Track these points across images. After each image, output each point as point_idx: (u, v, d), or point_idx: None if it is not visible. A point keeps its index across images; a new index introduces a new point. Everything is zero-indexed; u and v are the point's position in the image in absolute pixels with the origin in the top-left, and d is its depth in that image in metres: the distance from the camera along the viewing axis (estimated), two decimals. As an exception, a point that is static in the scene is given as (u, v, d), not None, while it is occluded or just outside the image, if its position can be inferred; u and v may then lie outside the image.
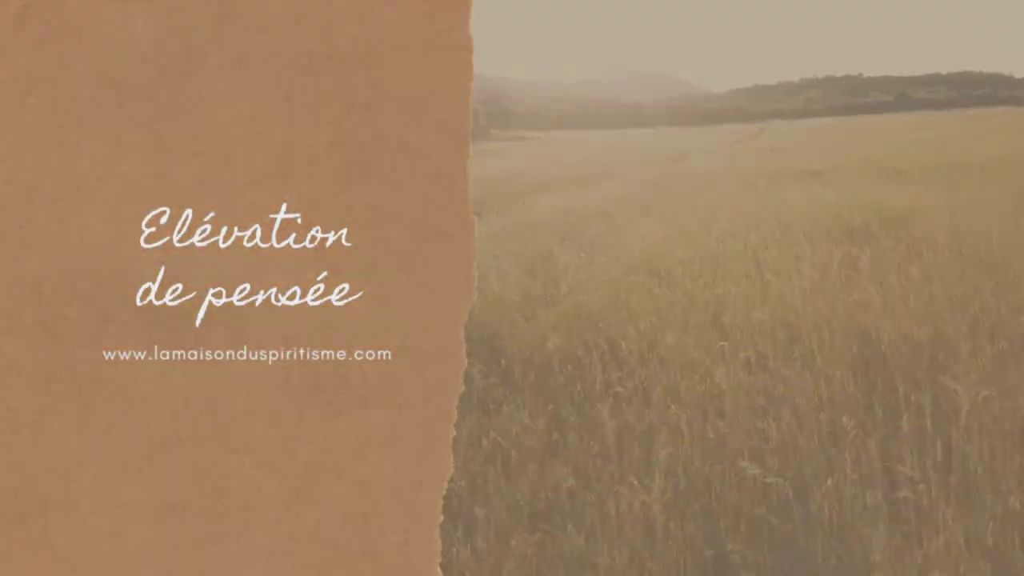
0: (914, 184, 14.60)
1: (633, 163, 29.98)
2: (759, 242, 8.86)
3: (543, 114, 49.84)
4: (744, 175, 19.14)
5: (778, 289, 6.66)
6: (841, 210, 10.88)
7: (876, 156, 23.73)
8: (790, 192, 14.24)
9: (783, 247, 8.56)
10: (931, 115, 57.19)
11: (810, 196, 13.14)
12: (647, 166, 26.87)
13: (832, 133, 44.10)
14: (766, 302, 6.41)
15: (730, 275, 7.53)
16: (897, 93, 57.44)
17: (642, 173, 22.99)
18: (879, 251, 8.05)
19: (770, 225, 10.06)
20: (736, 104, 59.17)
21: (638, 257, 8.85)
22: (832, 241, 8.82)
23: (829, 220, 10.23)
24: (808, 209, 11.36)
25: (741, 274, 7.56)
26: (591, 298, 7.10)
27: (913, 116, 54.57)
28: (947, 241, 8.19)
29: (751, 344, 5.51)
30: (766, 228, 9.82)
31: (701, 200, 14.33)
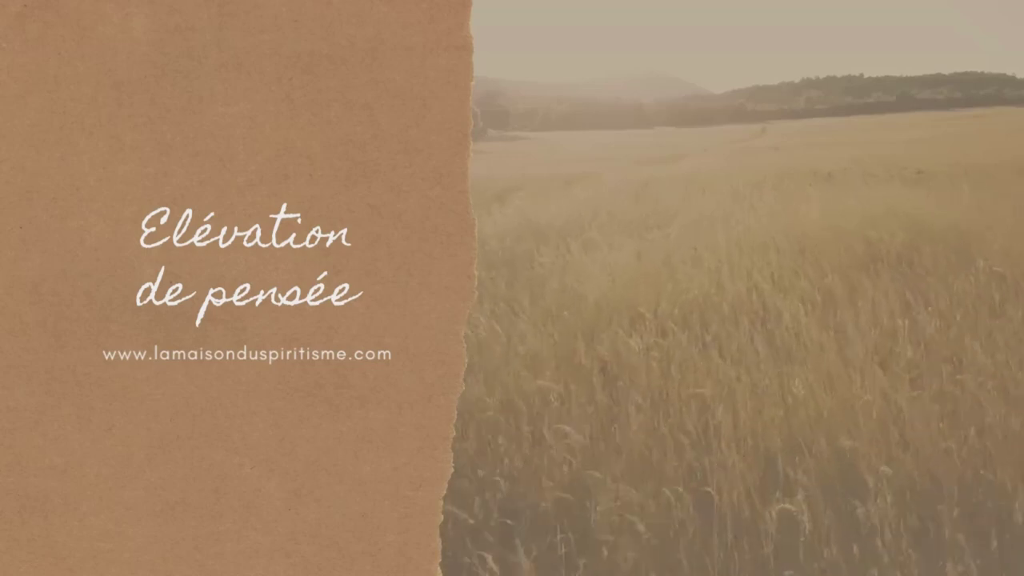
0: (943, 189, 12.02)
1: (625, 162, 25.95)
2: (768, 278, 6.17)
3: (542, 114, 49.91)
4: (746, 177, 16.25)
5: (807, 398, 3.84)
6: (870, 223, 8.21)
7: (886, 155, 20.92)
8: (801, 198, 11.62)
9: (803, 290, 5.77)
10: (936, 115, 56.63)
11: (827, 203, 10.79)
12: (639, 166, 23.88)
13: (836, 132, 41.61)
14: (787, 422, 3.71)
15: (724, 358, 4.48)
16: (899, 93, 57.97)
17: (631, 174, 19.14)
18: (948, 296, 5.22)
19: (782, 247, 7.41)
20: (737, 104, 59.63)
21: (585, 319, 5.38)
22: (871, 275, 6.02)
23: (858, 238, 7.63)
24: (828, 222, 8.68)
25: (740, 357, 4.50)
26: (472, 394, 4.10)
27: (918, 116, 53.81)
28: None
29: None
30: (777, 252, 7.20)
31: (694, 209, 11.53)
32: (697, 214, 10.38)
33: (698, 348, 4.69)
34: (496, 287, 6.52)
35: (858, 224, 8.32)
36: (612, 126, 52.22)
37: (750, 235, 8.35)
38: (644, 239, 8.46)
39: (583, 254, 7.67)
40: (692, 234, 8.74)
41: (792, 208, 10.19)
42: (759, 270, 6.55)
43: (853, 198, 10.76)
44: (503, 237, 9.12)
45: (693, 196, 12.74)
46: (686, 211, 10.90)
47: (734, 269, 6.69)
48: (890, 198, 10.55)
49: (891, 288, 5.57)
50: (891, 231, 7.71)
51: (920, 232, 7.69)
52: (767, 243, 7.63)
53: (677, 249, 7.63)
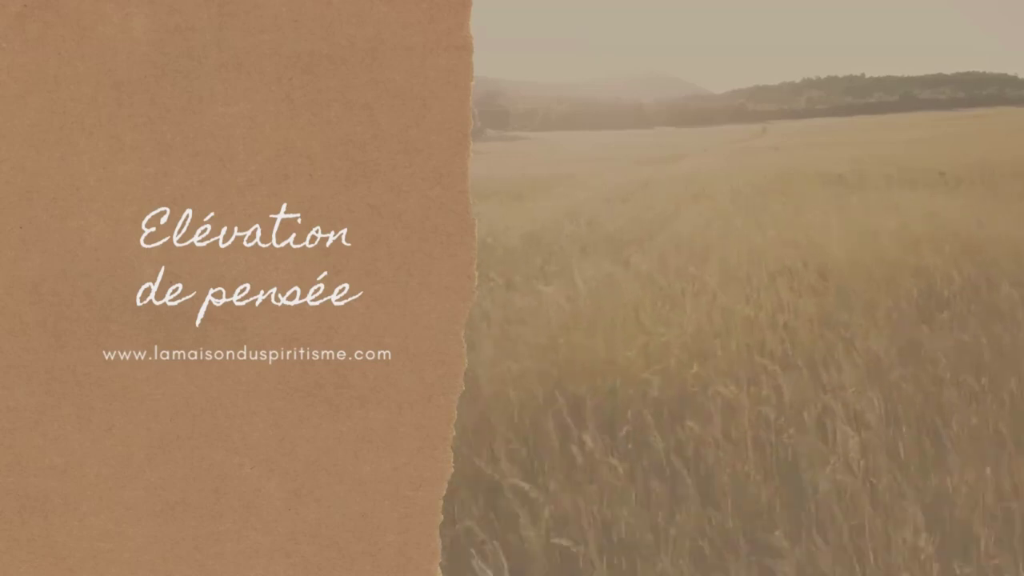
0: (978, 195, 9.70)
1: (624, 162, 23.12)
2: (780, 336, 4.11)
3: (542, 114, 50.03)
4: (747, 177, 13.88)
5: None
6: (911, 245, 6.06)
7: (897, 155, 17.29)
8: (815, 205, 8.99)
9: (844, 374, 3.54)
10: (940, 114, 55.79)
11: (847, 214, 8.16)
12: (635, 166, 19.90)
13: (839, 132, 39.85)
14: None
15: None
16: (901, 93, 57.93)
17: (623, 176, 16.49)
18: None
19: (799, 279, 5.25)
20: (737, 104, 59.61)
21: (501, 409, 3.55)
22: (938, 330, 4.02)
23: (904, 268, 5.40)
24: (855, 242, 6.46)
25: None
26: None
27: (921, 115, 52.90)
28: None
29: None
30: (792, 289, 4.99)
31: (687, 219, 8.83)
32: (690, 225, 8.09)
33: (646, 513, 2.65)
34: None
35: (897, 246, 6.00)
36: (612, 126, 52.22)
37: (754, 259, 5.90)
38: (619, 262, 6.23)
39: (548, 281, 5.61)
40: (680, 255, 6.41)
41: (805, 220, 7.66)
42: (767, 321, 4.18)
43: (877, 207, 8.55)
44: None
45: (687, 203, 10.18)
46: (677, 221, 8.43)
47: (729, 322, 4.20)
48: (922, 207, 8.20)
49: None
50: (949, 258, 5.36)
51: (988, 260, 5.35)
52: (777, 273, 5.37)
53: (653, 283, 5.30)
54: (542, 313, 4.80)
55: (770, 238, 7.04)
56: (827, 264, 5.76)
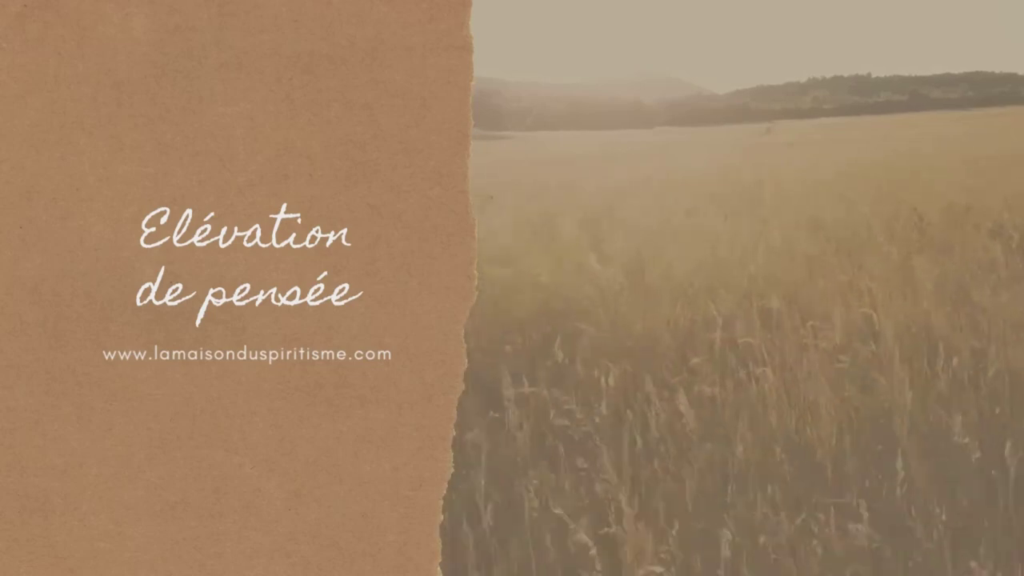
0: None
1: (616, 162, 19.57)
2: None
3: (536, 114, 50.40)
4: (753, 182, 11.23)
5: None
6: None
7: (919, 152, 15.50)
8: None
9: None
10: (953, 114, 54.90)
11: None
12: (617, 169, 17.01)
13: (848, 130, 37.73)
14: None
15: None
16: (910, 92, 58.31)
17: (613, 178, 14.28)
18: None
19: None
20: (741, 104, 59.87)
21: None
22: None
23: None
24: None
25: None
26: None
27: (934, 115, 51.66)
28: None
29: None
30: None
31: (659, 270, 5.40)
32: (686, 270, 5.19)
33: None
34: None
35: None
36: (611, 126, 52.17)
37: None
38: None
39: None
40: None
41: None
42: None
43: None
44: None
45: (666, 231, 6.93)
46: (648, 272, 5.24)
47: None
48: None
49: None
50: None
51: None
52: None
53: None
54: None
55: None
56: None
